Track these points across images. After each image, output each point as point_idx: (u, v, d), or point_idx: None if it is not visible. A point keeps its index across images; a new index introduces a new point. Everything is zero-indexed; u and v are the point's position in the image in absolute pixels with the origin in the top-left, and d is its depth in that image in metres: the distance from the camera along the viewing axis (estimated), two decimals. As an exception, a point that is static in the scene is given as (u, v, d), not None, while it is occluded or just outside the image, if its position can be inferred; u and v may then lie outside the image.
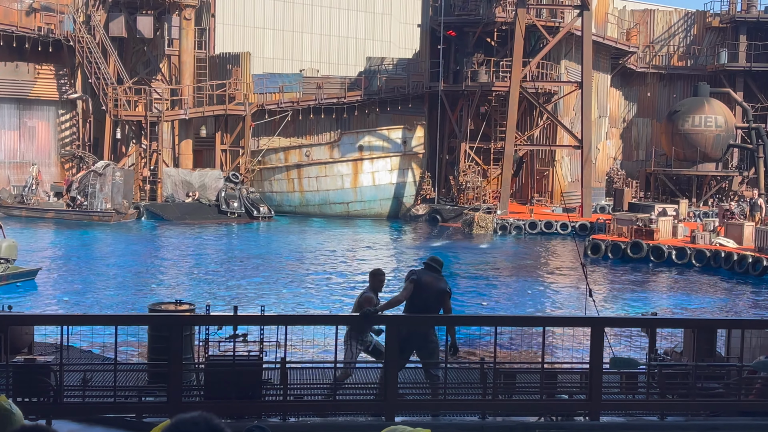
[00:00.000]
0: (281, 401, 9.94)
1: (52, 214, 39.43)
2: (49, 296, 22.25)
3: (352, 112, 46.92)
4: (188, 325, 10.71)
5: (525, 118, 46.54)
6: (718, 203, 44.20)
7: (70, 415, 9.68)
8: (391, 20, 52.32)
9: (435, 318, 10.57)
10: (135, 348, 14.82)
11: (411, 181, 43.71)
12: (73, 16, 43.43)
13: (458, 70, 46.03)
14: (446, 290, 10.46)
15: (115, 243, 33.63)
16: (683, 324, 13.36)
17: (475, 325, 14.30)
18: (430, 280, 10.47)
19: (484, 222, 38.66)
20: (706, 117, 46.55)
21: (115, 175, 39.95)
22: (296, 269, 27.60)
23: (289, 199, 44.43)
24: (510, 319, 14.98)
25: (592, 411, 10.07)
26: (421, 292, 10.35)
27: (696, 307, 23.30)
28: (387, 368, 9.92)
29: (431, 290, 10.39)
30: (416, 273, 10.56)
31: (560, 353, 14.66)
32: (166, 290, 23.15)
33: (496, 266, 30.08)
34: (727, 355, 11.37)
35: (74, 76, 44.78)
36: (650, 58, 53.91)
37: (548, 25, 44.35)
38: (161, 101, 43.43)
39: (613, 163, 53.21)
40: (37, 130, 45.01)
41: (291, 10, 50.58)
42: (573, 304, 22.38)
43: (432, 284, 10.43)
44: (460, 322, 13.51)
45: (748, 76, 51.19)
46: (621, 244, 31.09)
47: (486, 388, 10.22)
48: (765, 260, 27.45)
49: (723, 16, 52.68)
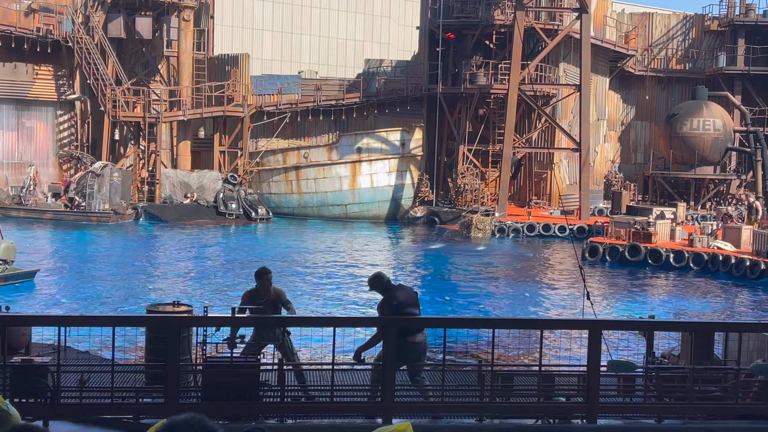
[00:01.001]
0: (279, 403, 9.94)
1: (50, 215, 39.40)
2: (47, 297, 22.23)
3: (350, 114, 46.93)
4: (186, 327, 10.70)
5: (523, 121, 46.58)
6: (716, 206, 44.26)
7: (68, 416, 9.67)
8: (389, 22, 52.34)
9: (433, 320, 10.58)
10: (133, 349, 14.81)
11: (409, 183, 43.72)
12: (71, 17, 43.44)
13: (457, 73, 46.06)
14: (414, 291, 10.59)
15: (112, 244, 33.62)
16: (681, 327, 13.36)
17: (473, 328, 14.29)
18: (402, 294, 10.49)
19: (482, 224, 38.67)
20: (704, 120, 46.60)
21: (113, 176, 39.93)
22: (294, 271, 27.59)
23: (287, 201, 44.44)
24: (508, 321, 14.99)
25: (589, 414, 10.07)
26: (404, 308, 10.35)
27: (694, 309, 23.32)
28: (384, 370, 9.92)
29: (409, 300, 10.42)
30: (389, 298, 10.42)
31: (558, 356, 14.67)
32: (164, 291, 23.14)
33: (494, 269, 30.08)
34: (725, 359, 11.38)
35: (73, 76, 44.77)
36: (649, 62, 53.97)
37: (547, 28, 44.40)
38: (160, 102, 43.43)
39: (611, 166, 53.24)
40: (36, 130, 44.99)
41: (290, 11, 50.60)
42: (571, 307, 22.38)
43: (406, 294, 10.47)
44: (458, 325, 13.51)
45: (747, 79, 51.25)
46: (619, 247, 31.10)
47: (483, 390, 10.22)
48: (762, 264, 27.47)
49: (721, 19, 52.76)
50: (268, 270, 11.19)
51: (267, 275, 11.01)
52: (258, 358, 10.28)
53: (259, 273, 11.06)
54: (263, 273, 11.04)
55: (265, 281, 10.95)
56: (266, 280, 10.97)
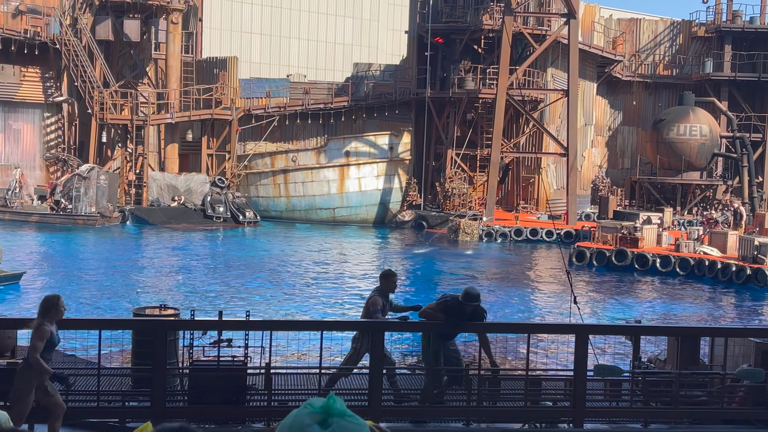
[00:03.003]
0: (265, 407, 9.92)
1: (36, 217, 39.20)
2: (33, 300, 22.11)
3: (338, 118, 46.92)
4: (172, 330, 10.67)
5: (511, 126, 46.70)
6: (703, 212, 44.47)
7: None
8: (378, 26, 52.37)
9: (421, 324, 10.58)
10: (119, 352, 14.75)
11: (397, 187, 43.74)
12: (59, 19, 43.27)
13: (445, 77, 46.14)
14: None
15: (99, 247, 33.49)
16: (667, 332, 13.41)
17: (462, 332, 14.26)
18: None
19: (470, 229, 38.73)
20: (691, 126, 46.83)
21: (99, 178, 39.78)
22: (281, 274, 27.55)
23: (275, 204, 44.38)
24: (494, 325, 14.99)
25: (575, 418, 10.09)
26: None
27: (680, 314, 23.41)
28: (371, 375, 9.92)
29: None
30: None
31: (545, 360, 14.70)
32: (151, 295, 23.06)
33: (481, 273, 30.11)
34: (711, 363, 11.43)
35: (60, 78, 44.60)
36: (636, 67, 54.20)
37: (535, 33, 44.55)
38: (147, 105, 43.30)
39: (598, 171, 53.42)
40: (23, 132, 44.78)
41: (279, 15, 50.56)
42: (558, 311, 22.43)
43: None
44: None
45: (733, 85, 51.52)
46: (606, 251, 31.20)
47: (470, 394, 10.24)
48: (748, 269, 27.61)
49: (708, 26, 53.03)
50: (395, 272, 11.10)
51: (394, 277, 10.90)
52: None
53: (389, 274, 10.93)
54: (391, 275, 10.91)
55: (391, 283, 10.83)
56: (392, 282, 10.84)
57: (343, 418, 3.03)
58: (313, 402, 3.05)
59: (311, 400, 3.07)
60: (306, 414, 3.01)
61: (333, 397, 3.07)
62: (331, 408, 3.02)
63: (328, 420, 3.00)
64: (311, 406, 3.04)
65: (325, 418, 3.00)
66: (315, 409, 3.01)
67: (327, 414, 3.00)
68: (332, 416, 3.01)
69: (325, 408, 3.02)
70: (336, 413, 3.01)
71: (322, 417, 2.99)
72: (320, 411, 3.01)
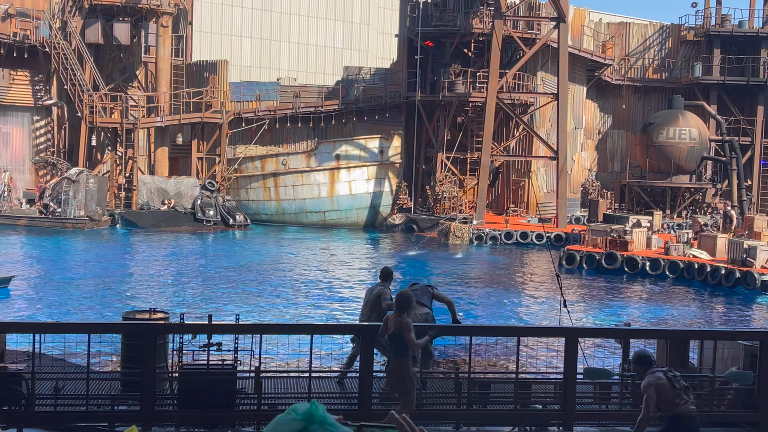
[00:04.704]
0: (255, 410, 9.90)
1: (25, 221, 39.07)
2: (21, 304, 22.04)
3: (329, 121, 46.92)
4: (162, 334, 10.64)
5: (501, 129, 46.79)
6: (692, 215, 44.61)
7: (42, 424, 9.59)
8: (368, 30, 52.41)
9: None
10: (108, 356, 14.70)
11: (387, 190, 43.76)
12: (49, 22, 43.16)
13: (435, 81, 46.19)
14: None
15: (88, 251, 33.38)
16: (656, 335, 13.44)
17: (450, 335, 14.31)
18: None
19: (460, 232, 38.77)
20: (680, 129, 46.99)
21: (88, 182, 39.67)
22: (271, 277, 27.51)
23: (265, 208, 44.33)
24: (485, 329, 15.01)
25: (565, 421, 10.11)
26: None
27: (669, 317, 23.46)
28: (362, 378, 9.91)
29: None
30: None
31: (535, 363, 14.71)
32: (140, 298, 23.00)
33: (471, 276, 30.13)
34: (700, 366, 11.46)
35: (50, 82, 44.47)
36: (625, 71, 54.38)
37: (525, 37, 44.65)
38: (137, 108, 43.22)
39: (588, 174, 53.55)
40: (12, 136, 44.62)
41: (269, 18, 50.54)
42: (547, 315, 22.46)
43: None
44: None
45: (722, 89, 51.73)
46: (596, 254, 31.27)
47: (460, 397, 10.24)
48: (737, 272, 27.71)
49: (697, 29, 53.23)
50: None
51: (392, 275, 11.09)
52: (234, 367, 10.20)
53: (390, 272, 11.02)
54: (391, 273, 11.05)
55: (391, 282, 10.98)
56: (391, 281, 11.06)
57: (323, 427, 3.08)
58: (296, 408, 3.10)
59: (295, 406, 3.11)
60: (287, 421, 3.06)
61: (316, 403, 3.12)
62: (312, 414, 3.07)
63: (309, 427, 3.05)
64: (294, 412, 3.09)
65: (306, 425, 3.05)
66: (297, 416, 3.06)
67: (308, 421, 3.05)
68: (313, 423, 3.06)
69: (307, 415, 3.07)
70: (317, 420, 3.06)
71: (303, 425, 3.05)
72: (302, 418, 3.05)
